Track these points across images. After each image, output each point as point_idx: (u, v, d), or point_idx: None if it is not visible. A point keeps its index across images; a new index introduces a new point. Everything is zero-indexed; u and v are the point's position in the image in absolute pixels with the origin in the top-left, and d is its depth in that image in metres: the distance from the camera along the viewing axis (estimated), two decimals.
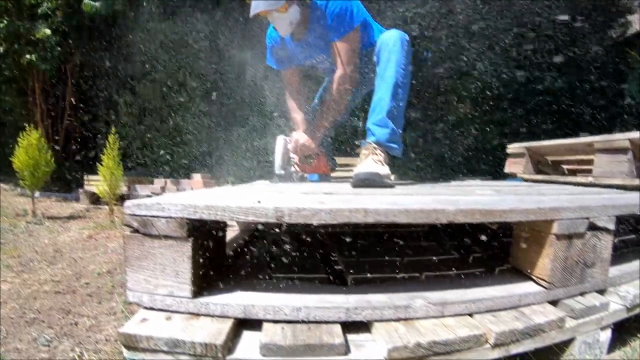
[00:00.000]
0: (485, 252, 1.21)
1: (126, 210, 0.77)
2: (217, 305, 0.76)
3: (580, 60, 4.08)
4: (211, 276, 0.86)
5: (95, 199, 3.90)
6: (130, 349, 0.70)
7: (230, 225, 1.38)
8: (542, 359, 0.86)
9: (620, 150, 1.54)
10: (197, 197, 0.85)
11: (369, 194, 1.10)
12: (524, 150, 2.19)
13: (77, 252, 2.00)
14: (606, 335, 0.92)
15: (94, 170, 3.36)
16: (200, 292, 0.79)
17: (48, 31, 4.33)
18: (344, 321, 0.75)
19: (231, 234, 1.40)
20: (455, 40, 4.17)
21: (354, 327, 0.76)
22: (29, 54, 4.39)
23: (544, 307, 0.86)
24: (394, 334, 0.72)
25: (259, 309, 0.75)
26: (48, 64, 4.50)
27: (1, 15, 4.36)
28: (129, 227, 0.77)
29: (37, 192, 3.31)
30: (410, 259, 1.12)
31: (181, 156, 4.92)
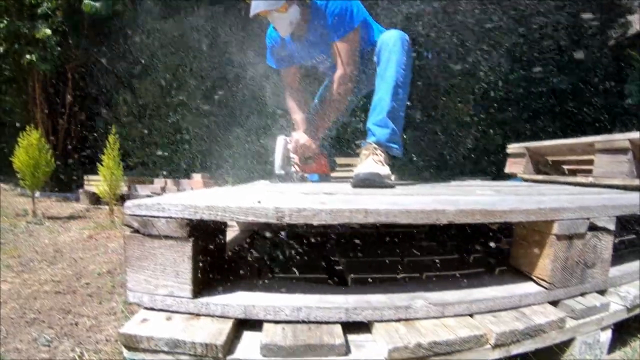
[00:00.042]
0: (485, 252, 1.21)
1: (126, 211, 0.77)
2: (217, 306, 0.76)
3: (580, 60, 4.08)
4: (211, 276, 0.86)
5: (96, 199, 3.89)
6: (130, 349, 0.70)
7: (230, 225, 1.38)
8: (543, 359, 0.85)
9: (621, 151, 1.54)
10: (197, 198, 0.85)
11: (370, 194, 1.10)
12: (524, 151, 2.19)
13: (78, 252, 2.00)
14: (606, 335, 0.92)
15: (94, 170, 3.36)
16: (201, 293, 0.79)
17: (48, 31, 4.33)
18: (345, 321, 0.75)
19: (231, 234, 1.40)
20: (455, 40, 4.17)
21: (354, 327, 0.76)
22: (29, 54, 4.39)
23: (544, 307, 0.86)
24: (394, 335, 0.72)
25: (259, 309, 0.75)
26: (48, 64, 4.50)
27: (1, 15, 4.36)
28: (129, 227, 0.77)
29: (37, 192, 3.31)
30: (410, 259, 1.12)
31: (181, 156, 4.92)
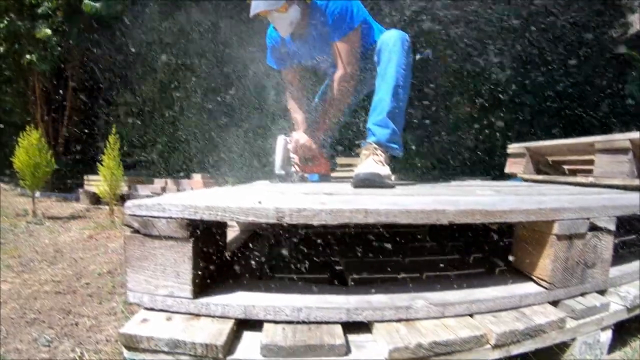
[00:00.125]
0: (485, 252, 1.21)
1: (127, 211, 0.77)
2: (217, 306, 0.76)
3: (580, 60, 4.08)
4: (212, 277, 0.86)
5: (96, 199, 3.89)
6: (130, 349, 0.70)
7: (230, 225, 1.38)
8: (543, 359, 0.85)
9: (621, 151, 1.54)
10: (197, 198, 0.85)
11: (370, 194, 1.10)
12: (524, 150, 2.19)
13: (78, 252, 2.00)
14: (607, 335, 0.92)
15: (94, 170, 3.36)
16: (201, 293, 0.79)
17: (48, 31, 4.33)
18: (345, 322, 0.75)
19: (232, 234, 1.40)
20: (453, 40, 4.17)
21: (354, 327, 0.76)
22: (29, 54, 4.39)
23: (544, 307, 0.86)
24: (394, 335, 0.72)
25: (259, 309, 0.75)
26: (48, 64, 4.50)
27: (1, 15, 4.36)
28: (129, 228, 0.77)
29: (37, 192, 3.31)
30: (410, 259, 1.12)
31: (181, 156, 4.92)
